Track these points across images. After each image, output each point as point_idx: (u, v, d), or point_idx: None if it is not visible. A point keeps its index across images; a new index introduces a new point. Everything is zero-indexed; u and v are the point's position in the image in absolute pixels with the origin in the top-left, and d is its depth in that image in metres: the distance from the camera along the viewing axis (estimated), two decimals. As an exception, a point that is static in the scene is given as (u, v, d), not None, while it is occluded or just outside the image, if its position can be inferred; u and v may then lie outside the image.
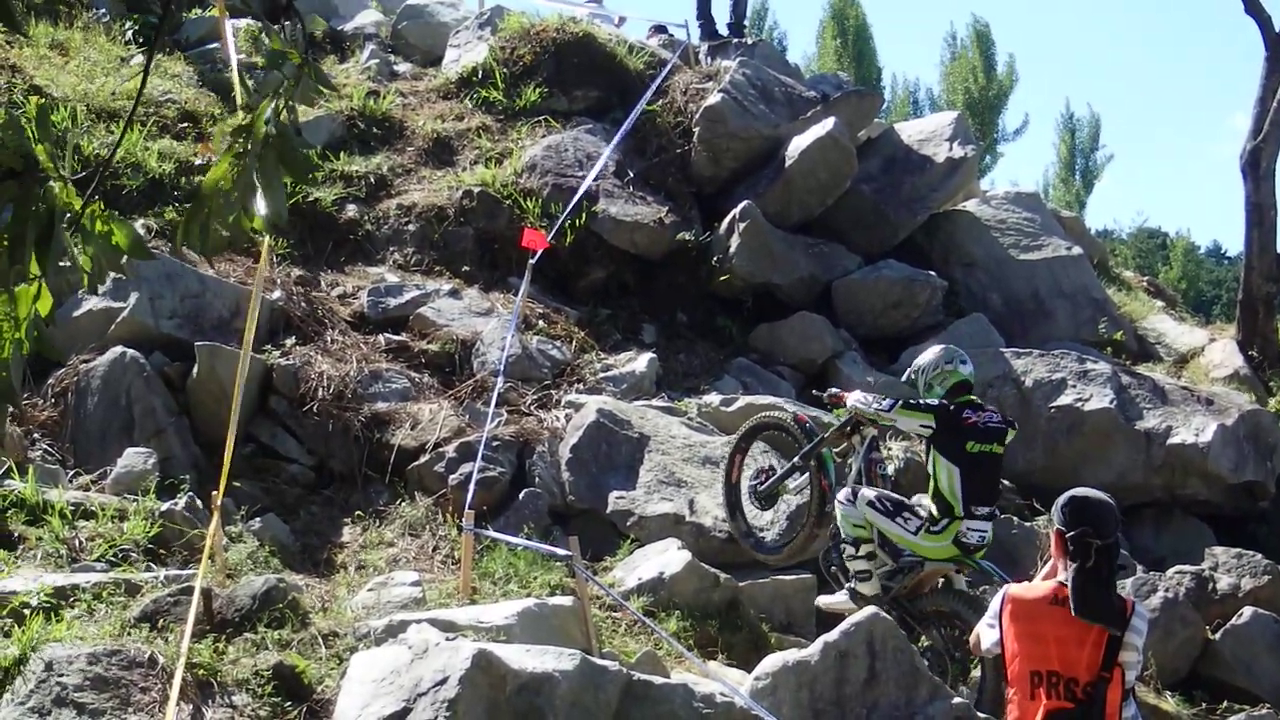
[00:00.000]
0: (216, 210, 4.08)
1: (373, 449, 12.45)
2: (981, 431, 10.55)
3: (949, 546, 10.47)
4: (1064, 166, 56.66)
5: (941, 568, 10.70)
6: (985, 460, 10.56)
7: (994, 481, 10.79)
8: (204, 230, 4.09)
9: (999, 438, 10.64)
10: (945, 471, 10.49)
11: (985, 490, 10.59)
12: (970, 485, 10.48)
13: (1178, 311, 20.27)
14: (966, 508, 10.46)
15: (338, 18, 21.02)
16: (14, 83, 15.47)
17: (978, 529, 10.47)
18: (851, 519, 10.81)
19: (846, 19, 53.40)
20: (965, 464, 10.47)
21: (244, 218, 4.12)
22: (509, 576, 10.81)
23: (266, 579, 9.76)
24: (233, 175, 4.06)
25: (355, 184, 15.93)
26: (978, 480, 10.52)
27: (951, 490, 10.47)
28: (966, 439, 10.48)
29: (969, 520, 10.43)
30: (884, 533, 10.76)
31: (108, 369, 12.16)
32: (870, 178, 17.24)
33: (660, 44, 19.87)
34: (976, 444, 10.51)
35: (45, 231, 3.80)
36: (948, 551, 10.51)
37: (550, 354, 13.99)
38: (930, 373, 11.04)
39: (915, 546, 10.59)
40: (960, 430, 10.49)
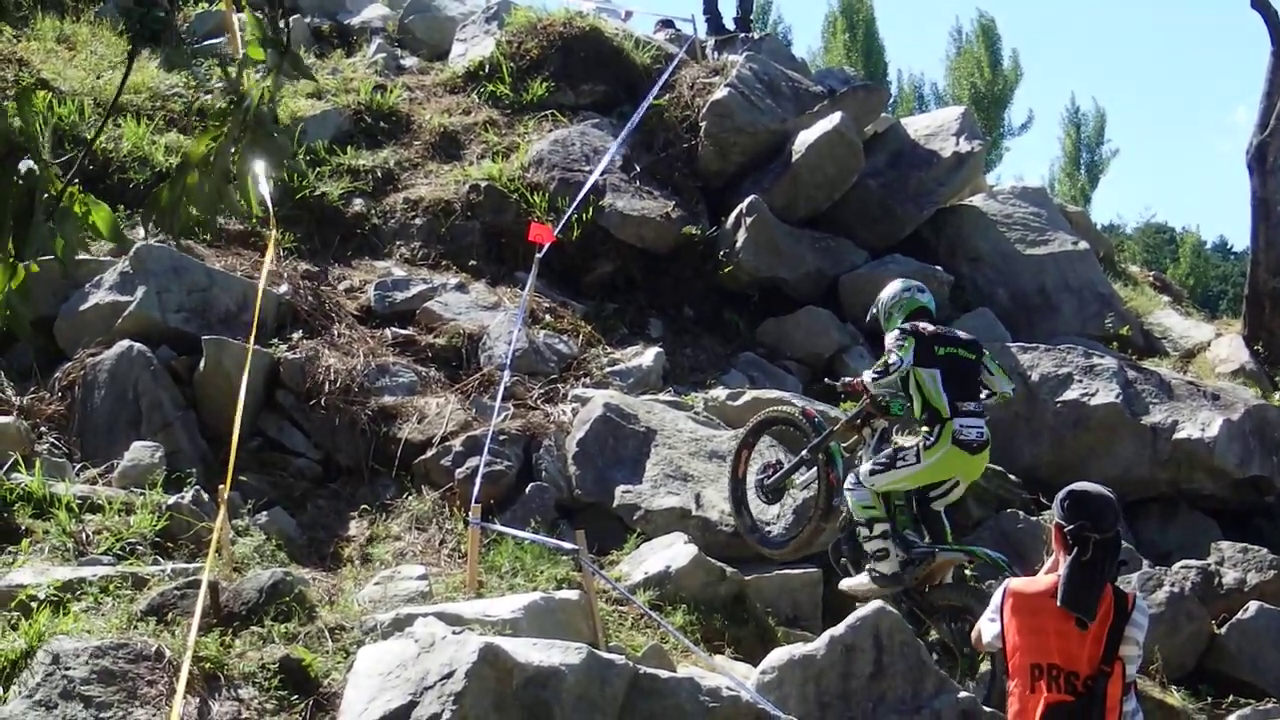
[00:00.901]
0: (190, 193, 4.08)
1: (379, 443, 12.46)
2: (947, 338, 11.10)
3: (952, 450, 10.67)
4: (1069, 161, 56.51)
5: (952, 558, 10.85)
6: (958, 361, 10.95)
7: (973, 382, 11.06)
8: (173, 209, 4.10)
9: (965, 345, 11.10)
10: (927, 378, 10.83)
11: (966, 388, 10.92)
12: (951, 384, 10.81)
13: (1184, 306, 20.25)
14: (953, 406, 10.74)
15: (345, 12, 21.02)
16: (21, 76, 15.49)
17: (971, 425, 10.75)
18: (861, 501, 10.93)
19: (856, 14, 53.32)
20: (942, 365, 10.84)
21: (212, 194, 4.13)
22: (515, 570, 10.82)
23: (273, 572, 9.77)
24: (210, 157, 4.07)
25: (362, 178, 15.95)
26: (956, 379, 10.86)
27: (936, 395, 10.78)
28: (934, 345, 10.92)
29: (959, 418, 10.70)
30: (894, 488, 10.97)
31: (115, 362, 12.17)
32: (877, 172, 17.24)
33: (667, 38, 19.87)
34: (944, 347, 10.95)
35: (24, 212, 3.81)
36: (955, 457, 10.71)
37: (557, 348, 14.00)
38: (890, 303, 11.59)
39: (924, 474, 10.82)
40: (927, 340, 10.93)
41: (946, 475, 10.96)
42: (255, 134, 4.07)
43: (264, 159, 4.15)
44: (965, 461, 10.82)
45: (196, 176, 4.07)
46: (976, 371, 11.18)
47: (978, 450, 10.81)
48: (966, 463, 10.85)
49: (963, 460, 10.80)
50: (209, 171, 4.07)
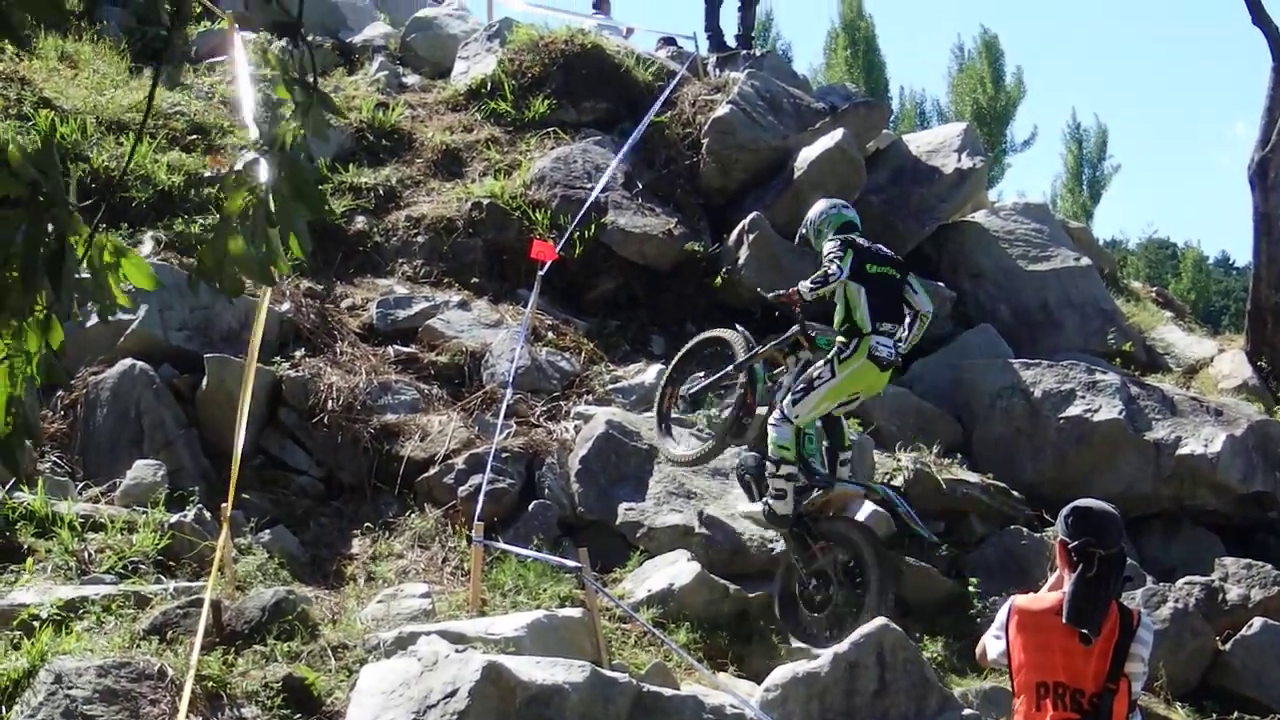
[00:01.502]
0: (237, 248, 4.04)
1: (382, 461, 12.47)
2: (875, 255, 11.60)
3: (866, 364, 11.18)
4: (1071, 177, 56.51)
5: (851, 492, 11.28)
6: (885, 280, 11.47)
7: (896, 302, 11.54)
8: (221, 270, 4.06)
9: (893, 264, 11.66)
10: (855, 293, 11.34)
11: (888, 308, 11.43)
12: (875, 302, 11.32)
13: (1186, 322, 20.23)
14: (873, 324, 11.25)
15: (346, 30, 21.07)
16: (24, 95, 15.52)
17: (885, 343, 11.26)
18: (780, 440, 11.33)
19: (856, 30, 53.37)
20: (869, 283, 11.35)
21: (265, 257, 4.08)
22: (518, 588, 10.82)
23: (276, 591, 9.77)
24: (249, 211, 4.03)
25: (364, 196, 15.96)
26: (880, 298, 11.36)
27: (860, 310, 11.28)
28: (865, 261, 11.43)
29: (876, 335, 11.22)
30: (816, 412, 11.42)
31: (117, 381, 12.19)
32: (878, 189, 17.22)
33: (669, 56, 19.89)
34: (874, 265, 11.48)
35: (56, 261, 3.79)
36: (866, 371, 11.22)
37: (559, 365, 14.00)
38: (819, 220, 12.20)
39: (839, 387, 11.27)
40: (859, 253, 11.44)
41: (857, 389, 11.44)
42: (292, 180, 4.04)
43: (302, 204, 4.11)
44: (876, 377, 11.39)
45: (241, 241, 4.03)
46: (901, 291, 11.63)
47: (886, 367, 11.36)
48: (877, 378, 11.43)
49: (874, 375, 11.35)
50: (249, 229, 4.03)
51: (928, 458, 13.56)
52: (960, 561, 12.91)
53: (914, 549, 12.79)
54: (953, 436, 14.41)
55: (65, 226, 3.78)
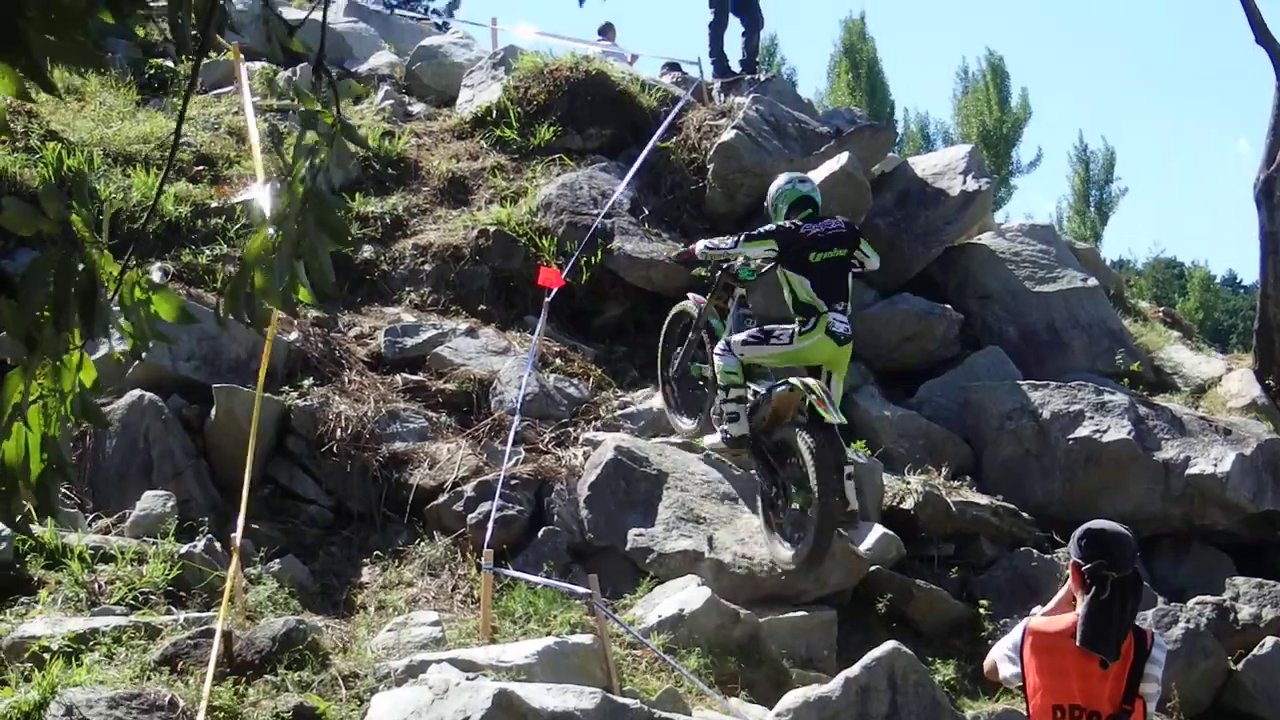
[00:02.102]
0: (262, 282, 4.06)
1: (391, 489, 12.46)
2: (822, 240, 11.96)
3: (824, 338, 11.74)
4: (1078, 199, 56.62)
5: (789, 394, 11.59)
6: (831, 265, 11.94)
7: (843, 282, 12.02)
8: (250, 303, 4.07)
9: (840, 243, 12.04)
10: (799, 283, 11.90)
11: (837, 290, 11.91)
12: (823, 285, 11.85)
13: (1194, 341, 20.21)
14: (828, 305, 11.79)
15: (352, 59, 21.14)
16: (31, 128, 15.55)
17: (840, 320, 11.78)
18: (727, 368, 12.15)
19: (858, 53, 53.48)
20: (813, 273, 11.87)
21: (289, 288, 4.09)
22: (529, 615, 10.80)
23: (286, 620, 9.76)
24: (274, 244, 4.04)
25: (371, 224, 15.98)
26: (828, 284, 11.86)
27: (810, 296, 11.84)
28: (809, 251, 11.90)
29: (833, 313, 11.76)
30: (762, 362, 12.25)
31: (126, 412, 12.19)
32: (885, 212, 17.24)
33: (673, 82, 19.92)
34: (819, 253, 11.92)
35: (87, 300, 3.79)
36: (825, 345, 11.76)
37: (567, 392, 14.01)
38: (775, 196, 12.65)
39: (795, 354, 11.97)
40: (802, 244, 11.90)
41: (816, 360, 11.94)
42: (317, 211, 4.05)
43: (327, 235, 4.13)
44: (834, 351, 11.83)
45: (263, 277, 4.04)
46: (845, 268, 12.09)
47: (844, 342, 11.83)
48: (835, 352, 11.85)
49: (832, 349, 11.81)
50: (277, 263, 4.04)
51: (937, 480, 13.57)
52: (971, 584, 12.93)
53: (925, 572, 12.81)
54: (962, 459, 14.42)
55: (96, 264, 3.79)
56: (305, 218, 4.01)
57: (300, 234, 4.02)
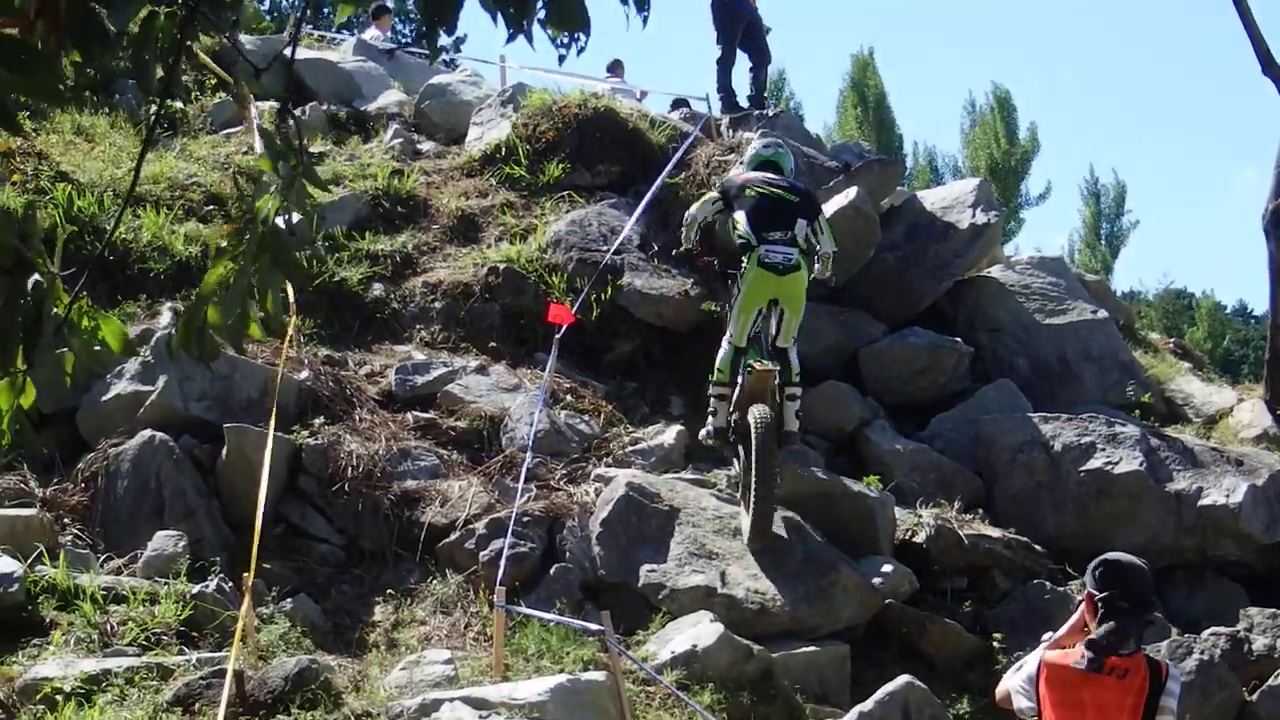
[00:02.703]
0: (214, 316, 4.10)
1: (403, 527, 12.45)
2: (760, 180, 12.87)
3: (759, 272, 12.36)
4: (1090, 232, 56.65)
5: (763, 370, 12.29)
6: (767, 197, 12.67)
7: (782, 213, 12.63)
8: (200, 336, 4.12)
9: (779, 186, 12.82)
10: (738, 218, 12.73)
11: (773, 218, 12.55)
12: (757, 217, 12.55)
13: (1205, 372, 20.18)
14: (758, 235, 12.42)
15: (361, 98, 21.19)
16: (40, 169, 15.59)
17: (775, 250, 12.34)
18: (719, 362, 12.97)
19: (866, 87, 53.58)
20: (748, 204, 12.66)
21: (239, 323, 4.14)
22: (542, 652, 10.79)
23: (299, 660, 9.77)
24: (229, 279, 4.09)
25: (381, 263, 15.99)
26: (762, 212, 12.56)
27: (745, 229, 12.57)
28: (745, 189, 12.82)
29: (764, 245, 12.36)
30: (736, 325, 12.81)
31: (137, 452, 12.20)
32: (894, 245, 17.24)
33: (682, 117, 19.96)
34: (754, 189, 12.77)
35: (33, 327, 3.82)
36: (761, 278, 12.38)
37: (578, 428, 14.01)
38: (747, 154, 13.76)
39: (744, 299, 12.57)
40: (740, 186, 12.90)
41: (763, 297, 12.50)
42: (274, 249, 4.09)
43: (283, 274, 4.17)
44: (776, 283, 12.39)
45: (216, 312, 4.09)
46: (789, 207, 12.69)
47: (784, 272, 12.34)
48: (778, 284, 12.40)
49: (773, 282, 12.38)
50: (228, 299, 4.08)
51: (949, 513, 13.56)
52: (984, 617, 12.90)
53: (938, 605, 12.80)
54: (973, 492, 14.40)
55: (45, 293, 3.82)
56: (262, 256, 4.05)
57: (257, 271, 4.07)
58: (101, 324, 4.11)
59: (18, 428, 4.07)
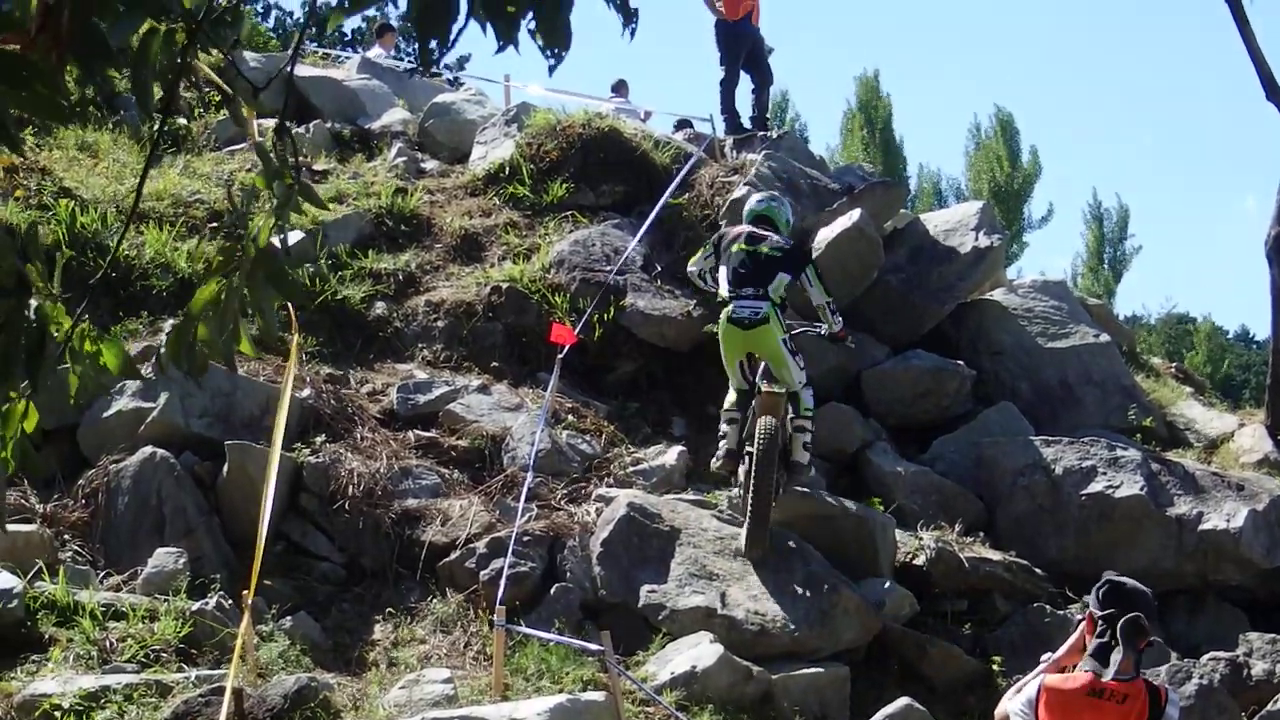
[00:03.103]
0: (203, 332, 4.11)
1: (403, 546, 12.45)
2: (746, 236, 13.11)
3: (727, 327, 12.72)
4: (1092, 256, 56.66)
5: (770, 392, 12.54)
6: (750, 256, 12.90)
7: (758, 271, 12.82)
8: (190, 351, 4.12)
9: (762, 242, 13.03)
10: (721, 274, 13.06)
11: (749, 276, 12.78)
12: (735, 274, 12.85)
13: (1207, 397, 20.18)
14: (733, 290, 12.76)
15: (365, 116, 21.18)
16: (44, 185, 15.60)
17: (745, 305, 12.62)
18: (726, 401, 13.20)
19: (873, 110, 53.62)
20: (730, 261, 12.97)
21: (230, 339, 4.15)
22: (541, 672, 10.79)
23: (298, 678, 9.77)
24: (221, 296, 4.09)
25: (384, 281, 16.00)
26: (741, 270, 12.82)
27: (724, 286, 12.95)
28: (731, 245, 13.10)
29: (736, 300, 12.68)
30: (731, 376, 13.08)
31: (138, 469, 12.20)
32: (897, 268, 17.25)
33: (686, 138, 19.99)
34: (739, 245, 13.03)
35: (36, 350, 3.82)
36: (729, 332, 12.74)
37: (580, 448, 14.00)
38: (745, 208, 13.99)
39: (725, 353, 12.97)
40: (729, 240, 13.22)
41: (732, 349, 12.86)
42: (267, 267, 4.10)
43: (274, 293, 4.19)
44: (743, 336, 12.68)
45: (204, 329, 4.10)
46: (770, 263, 12.88)
47: (750, 326, 12.58)
48: (745, 337, 12.69)
49: (740, 335, 12.68)
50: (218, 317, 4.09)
51: (950, 536, 13.56)
52: (984, 640, 12.90)
53: (938, 628, 12.79)
54: (975, 514, 14.40)
55: (47, 315, 3.82)
56: (256, 273, 4.06)
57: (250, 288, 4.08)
58: (103, 347, 4.12)
59: (21, 452, 4.07)
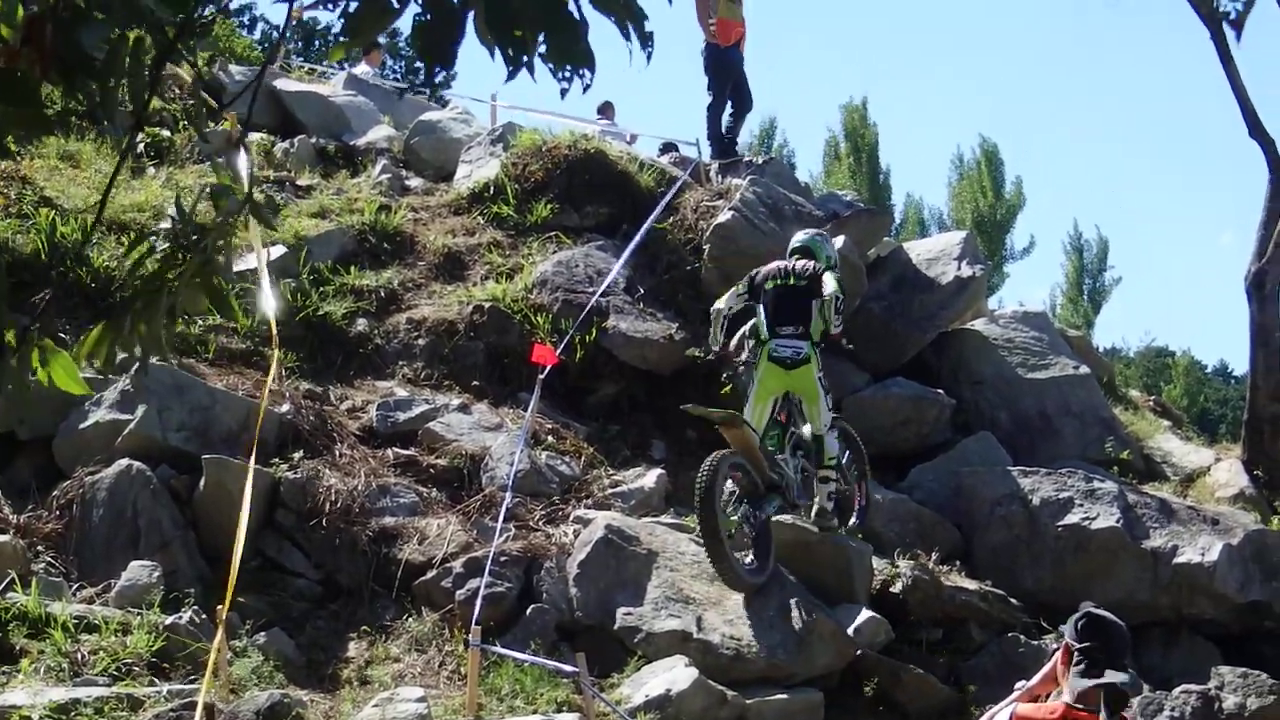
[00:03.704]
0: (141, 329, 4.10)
1: (380, 564, 12.41)
2: (778, 272, 13.25)
3: (768, 366, 12.81)
4: (1072, 287, 56.82)
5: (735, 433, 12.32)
6: (783, 291, 13.06)
7: (795, 307, 12.97)
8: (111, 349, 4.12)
9: (797, 274, 13.15)
10: (759, 311, 13.17)
11: (787, 314, 12.94)
12: (771, 312, 13.01)
13: (1184, 431, 20.25)
14: (771, 330, 12.89)
15: (349, 132, 21.17)
16: (24, 194, 15.56)
17: (786, 344, 12.78)
18: None
19: (859, 138, 53.74)
20: (766, 299, 13.10)
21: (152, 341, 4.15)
22: (515, 693, 10.77)
23: (271, 694, 9.73)
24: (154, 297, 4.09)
25: (366, 298, 15.98)
26: (778, 307, 12.98)
27: (761, 324, 13.07)
28: (765, 282, 13.22)
29: (775, 339, 12.82)
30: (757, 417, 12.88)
31: (114, 481, 12.16)
32: (880, 296, 17.29)
33: (671, 161, 19.99)
34: (771, 281, 13.18)
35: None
36: (772, 372, 12.82)
37: (559, 469, 13.99)
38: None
39: (758, 392, 12.94)
40: (761, 280, 13.30)
41: (771, 389, 12.87)
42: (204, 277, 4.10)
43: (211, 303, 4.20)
44: (783, 375, 12.80)
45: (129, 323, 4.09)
46: (801, 296, 13.02)
47: (791, 366, 12.73)
48: (785, 376, 12.80)
49: (780, 374, 12.79)
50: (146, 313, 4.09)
51: (927, 564, 13.55)
52: (959, 669, 12.91)
53: (913, 656, 12.78)
54: (952, 543, 14.42)
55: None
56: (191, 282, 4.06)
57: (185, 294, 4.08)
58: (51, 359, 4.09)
59: None
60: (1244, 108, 18.24)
